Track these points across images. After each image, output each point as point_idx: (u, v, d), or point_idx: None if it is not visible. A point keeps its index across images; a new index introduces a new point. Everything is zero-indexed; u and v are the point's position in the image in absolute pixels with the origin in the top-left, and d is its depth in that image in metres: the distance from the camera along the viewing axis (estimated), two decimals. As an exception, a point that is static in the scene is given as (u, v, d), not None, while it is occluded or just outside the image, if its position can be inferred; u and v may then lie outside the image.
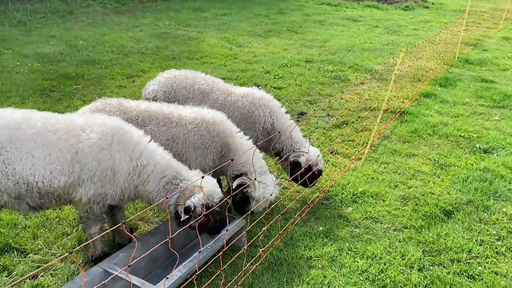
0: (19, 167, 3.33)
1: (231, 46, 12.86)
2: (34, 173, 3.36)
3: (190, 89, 5.06)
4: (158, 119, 4.29)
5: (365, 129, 7.37)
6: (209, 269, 3.99)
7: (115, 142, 3.57)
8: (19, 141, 3.35)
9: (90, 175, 3.50)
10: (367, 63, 11.59)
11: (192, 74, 5.25)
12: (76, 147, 3.46)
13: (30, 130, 3.39)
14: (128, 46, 12.06)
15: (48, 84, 8.66)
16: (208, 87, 5.09)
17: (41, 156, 3.38)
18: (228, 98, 5.04)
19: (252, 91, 5.14)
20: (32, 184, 3.38)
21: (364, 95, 9.15)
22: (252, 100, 5.00)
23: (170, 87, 5.08)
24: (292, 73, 10.39)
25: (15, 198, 3.43)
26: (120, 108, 4.30)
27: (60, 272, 3.94)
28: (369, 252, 4.37)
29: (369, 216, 5.02)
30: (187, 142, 4.33)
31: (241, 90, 5.16)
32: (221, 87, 5.15)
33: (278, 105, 5.18)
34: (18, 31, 12.89)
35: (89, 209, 3.68)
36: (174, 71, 5.33)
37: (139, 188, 3.76)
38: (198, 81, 5.15)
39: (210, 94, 5.05)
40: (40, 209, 3.64)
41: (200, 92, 5.05)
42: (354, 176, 5.81)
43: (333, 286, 3.95)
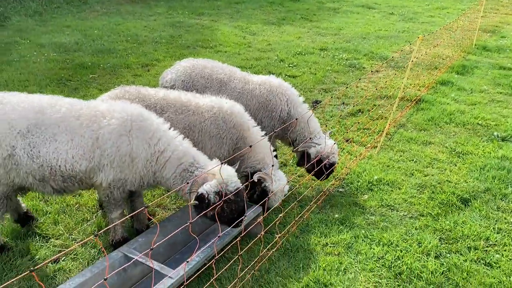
0: (43, 150, 3.44)
1: (244, 35, 12.82)
2: (57, 157, 3.46)
3: (208, 79, 5.09)
4: (176, 107, 4.33)
5: (380, 117, 7.32)
6: (226, 255, 4.04)
7: (134, 128, 3.62)
8: (44, 125, 3.45)
9: (110, 160, 3.56)
10: (382, 51, 11.46)
11: (210, 63, 5.27)
12: (97, 133, 3.52)
13: (54, 115, 3.49)
14: (142, 35, 12.10)
15: (64, 73, 8.76)
16: (226, 76, 5.10)
17: (64, 141, 3.47)
18: (246, 86, 5.05)
19: (269, 79, 5.14)
20: (55, 167, 3.48)
21: (379, 83, 9.07)
22: (270, 88, 5.01)
23: (188, 76, 5.11)
24: (306, 61, 10.33)
25: (40, 180, 3.54)
26: (138, 96, 4.34)
27: (80, 257, 4.03)
28: (385, 239, 4.37)
29: (385, 203, 5.02)
30: (203, 131, 4.36)
31: (259, 78, 5.16)
32: (238, 75, 5.15)
33: (295, 94, 5.17)
34: (34, 21, 13.02)
35: (109, 194, 3.75)
36: (191, 60, 5.35)
37: (157, 175, 3.80)
38: (216, 70, 5.16)
39: (228, 83, 5.06)
40: (64, 192, 3.73)
41: (218, 81, 5.07)
42: (369, 164, 5.79)
43: (349, 272, 3.98)
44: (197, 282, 3.72)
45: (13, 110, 3.44)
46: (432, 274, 3.95)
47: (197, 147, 4.31)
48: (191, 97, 4.47)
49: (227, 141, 4.42)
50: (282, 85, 5.09)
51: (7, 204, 3.69)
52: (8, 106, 3.45)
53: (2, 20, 12.63)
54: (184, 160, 3.79)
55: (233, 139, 4.41)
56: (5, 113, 3.42)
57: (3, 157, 3.41)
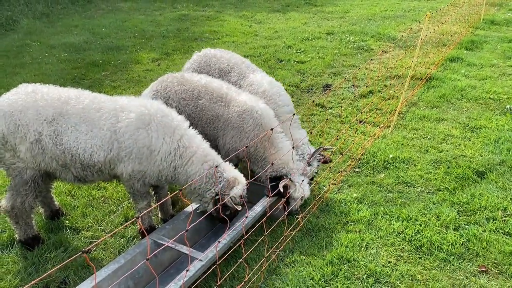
0: (65, 138, 3.64)
1: (250, 24, 12.86)
2: (77, 146, 3.65)
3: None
4: (212, 96, 4.50)
5: (392, 97, 7.37)
6: (250, 237, 4.18)
7: (153, 122, 3.74)
8: (67, 115, 3.63)
9: (128, 152, 3.70)
10: (389, 31, 11.44)
11: (228, 55, 5.43)
12: (115, 126, 3.68)
13: (77, 106, 3.66)
14: (150, 30, 12.21)
15: (77, 72, 8.92)
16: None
17: (84, 131, 3.65)
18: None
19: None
20: (75, 155, 3.67)
21: (388, 64, 9.09)
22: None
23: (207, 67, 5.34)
24: (314, 46, 10.37)
25: (62, 166, 3.75)
26: (181, 80, 4.61)
27: (111, 246, 4.19)
28: (404, 215, 4.47)
29: (402, 181, 5.10)
30: (227, 121, 4.48)
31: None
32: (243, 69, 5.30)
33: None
34: (43, 23, 13.19)
35: (132, 185, 3.89)
36: (209, 50, 5.58)
37: (178, 170, 3.89)
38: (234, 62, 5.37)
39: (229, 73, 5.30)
40: (84, 181, 3.92)
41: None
42: (384, 144, 5.87)
43: (371, 248, 4.09)
44: (224, 264, 3.87)
45: (42, 99, 3.64)
46: (452, 245, 4.05)
47: (218, 135, 4.44)
48: (231, 90, 4.59)
49: (248, 137, 4.48)
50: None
51: (35, 189, 3.88)
52: (39, 95, 3.66)
53: (11, 24, 12.81)
54: (208, 159, 3.90)
55: (256, 137, 4.46)
56: (35, 101, 3.63)
57: (30, 141, 3.62)
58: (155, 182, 3.99)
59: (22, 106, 3.61)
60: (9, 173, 3.83)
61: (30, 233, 4.08)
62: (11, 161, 3.74)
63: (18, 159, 3.72)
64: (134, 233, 4.34)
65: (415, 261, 3.92)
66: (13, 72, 8.99)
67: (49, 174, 3.92)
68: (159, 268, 3.79)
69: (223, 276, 3.66)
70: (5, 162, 3.77)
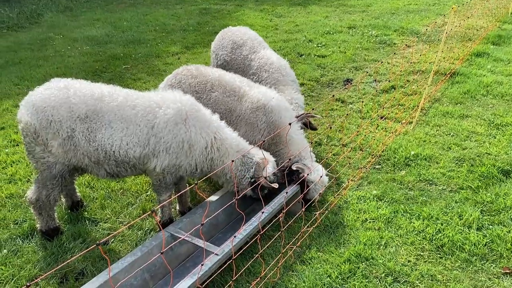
0: (99, 135, 3.65)
1: (271, 17, 12.77)
2: (112, 143, 3.65)
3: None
4: (225, 89, 4.51)
5: (414, 93, 7.21)
6: (267, 233, 4.14)
7: (189, 117, 3.78)
8: (101, 112, 3.64)
9: (166, 147, 3.72)
10: (413, 26, 11.20)
11: (243, 31, 5.93)
12: (152, 122, 3.69)
13: (111, 103, 3.68)
14: (170, 24, 12.24)
15: (99, 65, 9.00)
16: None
17: (119, 128, 3.65)
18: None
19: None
20: (110, 152, 3.68)
21: (411, 58, 8.90)
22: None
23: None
24: (335, 40, 10.23)
25: (95, 162, 3.75)
26: (194, 73, 4.69)
27: (128, 238, 4.21)
28: (425, 213, 4.36)
29: (423, 178, 4.98)
30: (241, 117, 4.47)
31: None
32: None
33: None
34: (66, 16, 13.37)
35: (162, 178, 3.92)
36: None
37: (215, 162, 3.96)
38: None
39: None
40: (117, 177, 3.94)
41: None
42: (405, 140, 5.74)
43: (390, 246, 4.01)
44: (240, 259, 3.84)
45: (75, 96, 3.65)
46: (474, 245, 3.94)
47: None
48: (244, 84, 4.62)
49: (262, 133, 4.49)
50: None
51: (61, 183, 3.92)
52: (71, 91, 3.67)
53: (35, 17, 13.02)
54: (240, 148, 4.00)
55: (270, 133, 4.46)
56: (68, 97, 3.65)
57: (63, 138, 3.65)
58: (189, 175, 4.06)
59: (55, 102, 3.63)
60: (37, 167, 3.87)
61: (52, 225, 4.14)
62: (41, 155, 3.78)
63: (49, 154, 3.76)
64: (152, 225, 4.35)
65: (435, 261, 3.83)
66: (37, 64, 9.14)
67: (78, 169, 3.96)
68: (175, 261, 3.80)
69: (239, 271, 3.64)
70: (35, 156, 3.81)
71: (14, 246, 4.09)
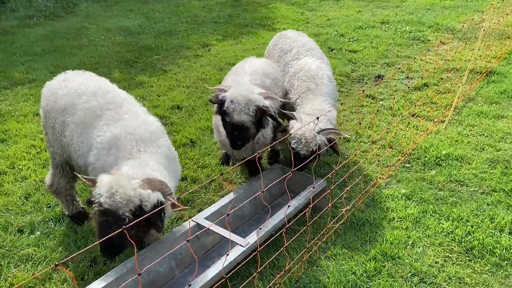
0: (67, 132, 3.71)
1: (302, 11, 12.66)
2: (70, 143, 3.69)
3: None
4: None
5: (448, 91, 7.03)
6: (292, 227, 4.14)
7: None
8: (75, 109, 3.70)
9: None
10: (448, 22, 10.89)
11: (295, 37, 5.53)
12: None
13: (87, 103, 3.66)
14: (201, 16, 12.30)
15: (131, 55, 9.15)
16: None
17: (77, 131, 3.63)
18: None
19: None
20: (69, 152, 3.78)
21: (446, 56, 8.67)
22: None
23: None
24: (367, 35, 10.06)
25: (67, 159, 3.91)
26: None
27: (156, 226, 4.28)
28: (455, 215, 4.27)
29: (454, 179, 4.87)
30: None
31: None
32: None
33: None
34: (100, 6, 13.61)
35: None
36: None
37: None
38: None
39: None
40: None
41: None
42: (437, 139, 5.62)
43: (417, 246, 3.94)
44: (265, 252, 3.86)
45: (64, 87, 3.79)
46: (506, 250, 3.83)
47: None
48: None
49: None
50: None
51: (64, 174, 4.02)
52: (66, 83, 3.81)
53: (71, 7, 13.32)
54: None
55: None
56: (58, 88, 3.80)
57: (51, 127, 3.81)
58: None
59: (51, 92, 3.79)
60: (49, 154, 4.10)
61: (74, 209, 4.26)
62: (46, 143, 4.03)
63: (48, 143, 3.98)
64: (178, 214, 4.41)
65: (464, 264, 3.74)
66: (71, 53, 9.36)
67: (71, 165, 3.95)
68: (201, 251, 3.84)
69: (263, 264, 3.65)
70: (46, 143, 4.06)
71: (47, 229, 4.23)
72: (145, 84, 7.63)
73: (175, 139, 5.77)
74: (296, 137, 4.12)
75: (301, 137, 4.09)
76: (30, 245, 4.01)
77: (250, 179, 4.73)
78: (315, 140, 4.10)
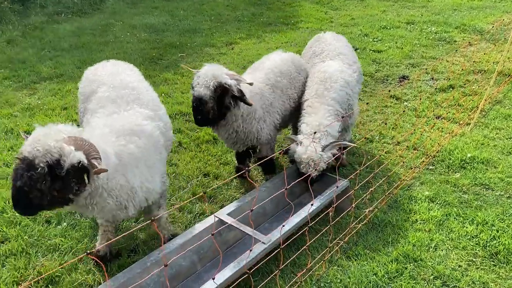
0: (84, 119, 3.85)
1: (326, 10, 12.60)
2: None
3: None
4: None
5: (474, 93, 6.91)
6: (314, 226, 4.14)
7: None
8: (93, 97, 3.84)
9: None
10: (476, 23, 10.68)
11: (330, 40, 5.41)
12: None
13: (100, 94, 3.79)
14: (225, 14, 12.36)
15: (155, 52, 9.27)
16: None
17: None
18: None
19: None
20: None
21: (472, 57, 8.51)
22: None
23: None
24: (392, 36, 9.95)
25: None
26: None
27: (178, 220, 4.35)
28: (480, 219, 4.20)
29: (479, 182, 4.79)
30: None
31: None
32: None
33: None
34: (126, 4, 13.80)
35: None
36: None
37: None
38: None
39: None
40: None
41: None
42: (462, 142, 5.53)
43: (440, 249, 3.90)
44: (286, 250, 3.87)
45: (93, 74, 3.99)
46: (532, 256, 3.76)
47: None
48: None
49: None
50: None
51: None
52: (95, 71, 4.05)
53: (98, 4, 13.55)
54: None
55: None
56: (89, 74, 4.03)
57: (81, 111, 3.98)
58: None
59: (84, 78, 4.02)
60: None
61: None
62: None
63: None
64: (201, 209, 4.47)
65: (488, 268, 3.69)
66: (98, 49, 9.54)
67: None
68: (223, 247, 3.88)
69: (285, 262, 3.67)
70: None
71: (73, 220, 4.33)
72: (170, 81, 7.73)
73: (198, 135, 5.84)
74: (304, 162, 4.07)
75: (308, 160, 4.04)
76: (57, 236, 4.12)
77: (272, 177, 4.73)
78: (323, 159, 4.07)
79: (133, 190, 3.12)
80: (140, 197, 3.22)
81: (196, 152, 5.51)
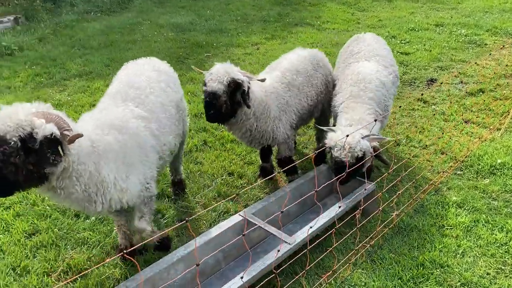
0: None
1: (353, 11, 12.51)
2: None
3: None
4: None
5: (505, 98, 6.75)
6: (338, 229, 4.12)
7: None
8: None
9: None
10: (507, 26, 10.43)
11: (369, 41, 5.24)
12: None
13: (120, 85, 3.87)
14: (251, 14, 12.40)
15: (182, 52, 9.37)
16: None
17: None
18: None
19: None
20: None
21: (503, 61, 8.31)
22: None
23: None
24: (420, 38, 9.81)
25: None
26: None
27: (203, 218, 4.40)
28: (510, 226, 4.11)
29: (510, 189, 4.68)
30: None
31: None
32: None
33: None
34: (153, 3, 14.00)
35: None
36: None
37: None
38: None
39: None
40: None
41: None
42: (492, 147, 5.41)
43: (467, 256, 3.83)
44: (310, 251, 3.86)
45: (127, 68, 4.24)
46: None
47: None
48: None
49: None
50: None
51: None
52: (131, 66, 4.28)
53: (126, 3, 13.79)
54: None
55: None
56: (122, 70, 4.25)
57: None
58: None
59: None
60: None
61: None
62: None
63: None
64: (225, 208, 4.50)
65: (518, 277, 3.61)
66: (126, 47, 9.71)
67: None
68: (247, 245, 3.90)
69: (311, 263, 3.67)
70: None
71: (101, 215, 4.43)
72: (196, 80, 7.81)
73: (223, 135, 5.88)
74: (339, 144, 3.88)
75: (344, 144, 3.83)
76: (86, 229, 4.22)
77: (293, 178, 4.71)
78: (359, 145, 3.82)
79: (104, 185, 3.03)
80: (112, 195, 3.11)
81: (221, 151, 5.55)
